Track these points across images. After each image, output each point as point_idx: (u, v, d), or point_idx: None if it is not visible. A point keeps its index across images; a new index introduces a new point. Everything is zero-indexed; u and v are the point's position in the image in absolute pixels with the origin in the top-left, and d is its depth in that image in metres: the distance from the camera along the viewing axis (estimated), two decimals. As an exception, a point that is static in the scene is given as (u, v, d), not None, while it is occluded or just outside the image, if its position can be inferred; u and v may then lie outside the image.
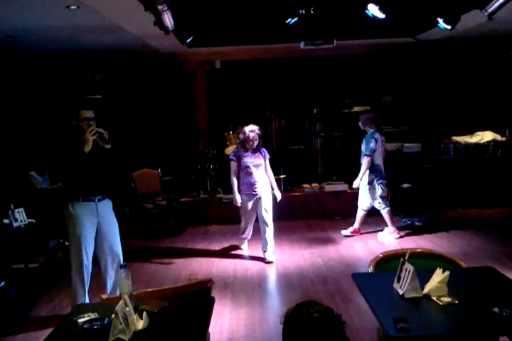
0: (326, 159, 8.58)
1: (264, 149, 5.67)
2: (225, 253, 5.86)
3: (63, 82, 8.21)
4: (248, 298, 4.46)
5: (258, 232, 5.97)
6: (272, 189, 5.63)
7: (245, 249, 5.93)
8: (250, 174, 5.45)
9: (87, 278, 3.94)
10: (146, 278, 5.04)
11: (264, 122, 8.47)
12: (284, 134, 8.58)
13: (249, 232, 5.80)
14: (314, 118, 8.51)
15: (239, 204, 5.51)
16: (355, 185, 6.06)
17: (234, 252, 5.87)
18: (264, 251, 5.56)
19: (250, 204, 5.50)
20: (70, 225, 3.86)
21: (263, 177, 5.51)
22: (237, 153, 5.56)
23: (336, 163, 8.19)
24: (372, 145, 5.85)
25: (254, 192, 5.46)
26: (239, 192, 5.51)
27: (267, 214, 5.50)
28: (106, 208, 4.00)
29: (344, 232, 6.29)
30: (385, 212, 6.03)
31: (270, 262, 5.45)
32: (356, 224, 6.26)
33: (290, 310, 1.73)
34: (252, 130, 5.45)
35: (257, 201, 5.49)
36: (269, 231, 5.52)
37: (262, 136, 5.58)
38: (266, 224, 5.50)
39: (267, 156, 5.64)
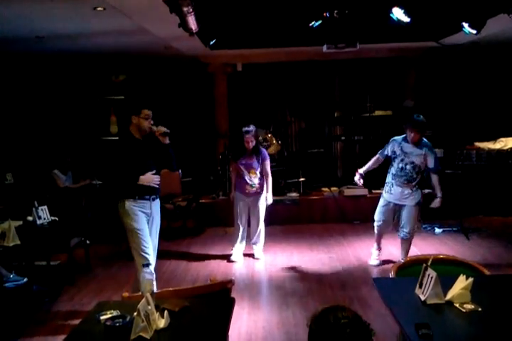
0: (346, 163, 8.53)
1: (264, 151, 5.56)
2: (244, 255, 5.86)
3: (87, 83, 8.34)
4: (266, 301, 4.46)
5: (271, 238, 6.04)
6: (266, 192, 5.54)
7: (238, 254, 5.65)
8: (242, 175, 5.42)
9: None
10: (165, 278, 5.06)
11: (284, 125, 8.48)
12: (304, 137, 8.57)
13: (240, 234, 5.60)
14: (335, 121, 8.49)
15: (231, 199, 5.59)
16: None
17: (252, 254, 5.87)
18: (253, 244, 5.69)
19: (241, 204, 5.50)
20: (128, 221, 3.87)
21: (256, 180, 5.41)
22: (236, 153, 5.54)
23: (355, 167, 8.12)
24: None
25: (245, 194, 5.46)
26: (235, 189, 5.54)
27: (259, 216, 5.53)
28: (157, 207, 4.04)
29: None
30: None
31: (257, 259, 5.64)
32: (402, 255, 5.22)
33: (316, 313, 1.69)
34: (247, 131, 5.28)
35: (249, 202, 5.52)
36: (261, 229, 5.59)
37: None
38: (257, 223, 5.56)
39: (266, 158, 5.49)
